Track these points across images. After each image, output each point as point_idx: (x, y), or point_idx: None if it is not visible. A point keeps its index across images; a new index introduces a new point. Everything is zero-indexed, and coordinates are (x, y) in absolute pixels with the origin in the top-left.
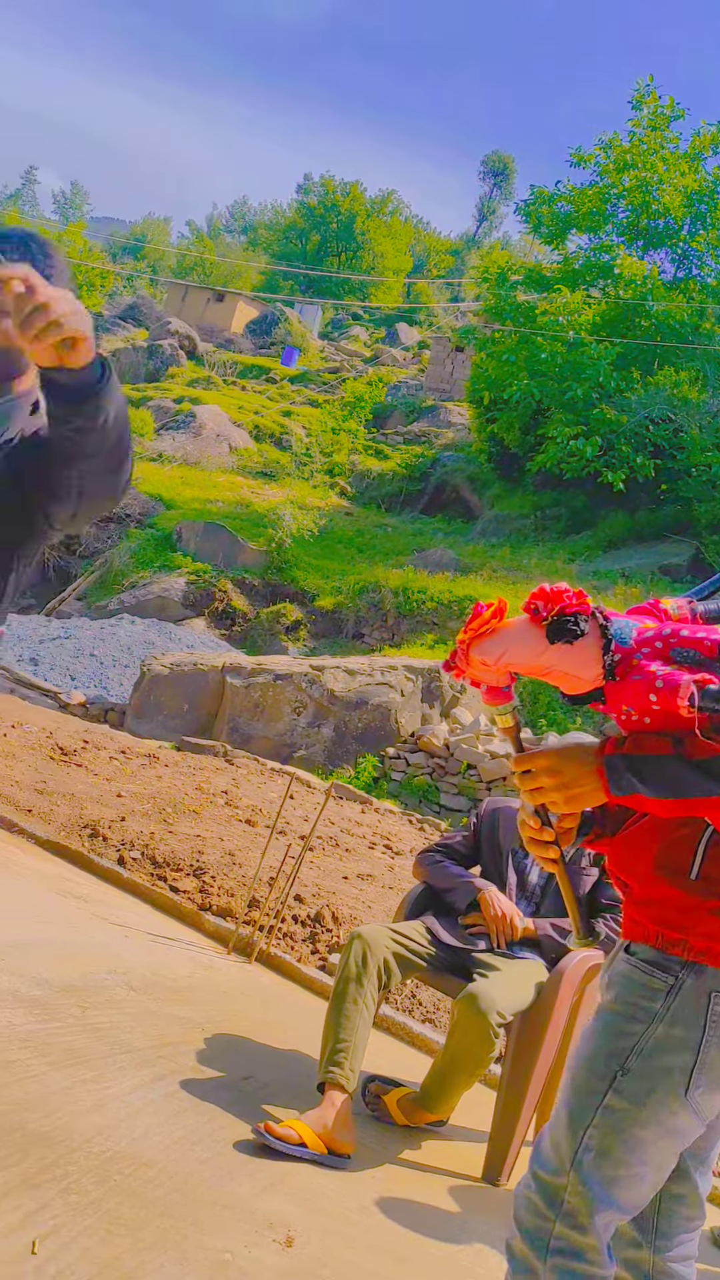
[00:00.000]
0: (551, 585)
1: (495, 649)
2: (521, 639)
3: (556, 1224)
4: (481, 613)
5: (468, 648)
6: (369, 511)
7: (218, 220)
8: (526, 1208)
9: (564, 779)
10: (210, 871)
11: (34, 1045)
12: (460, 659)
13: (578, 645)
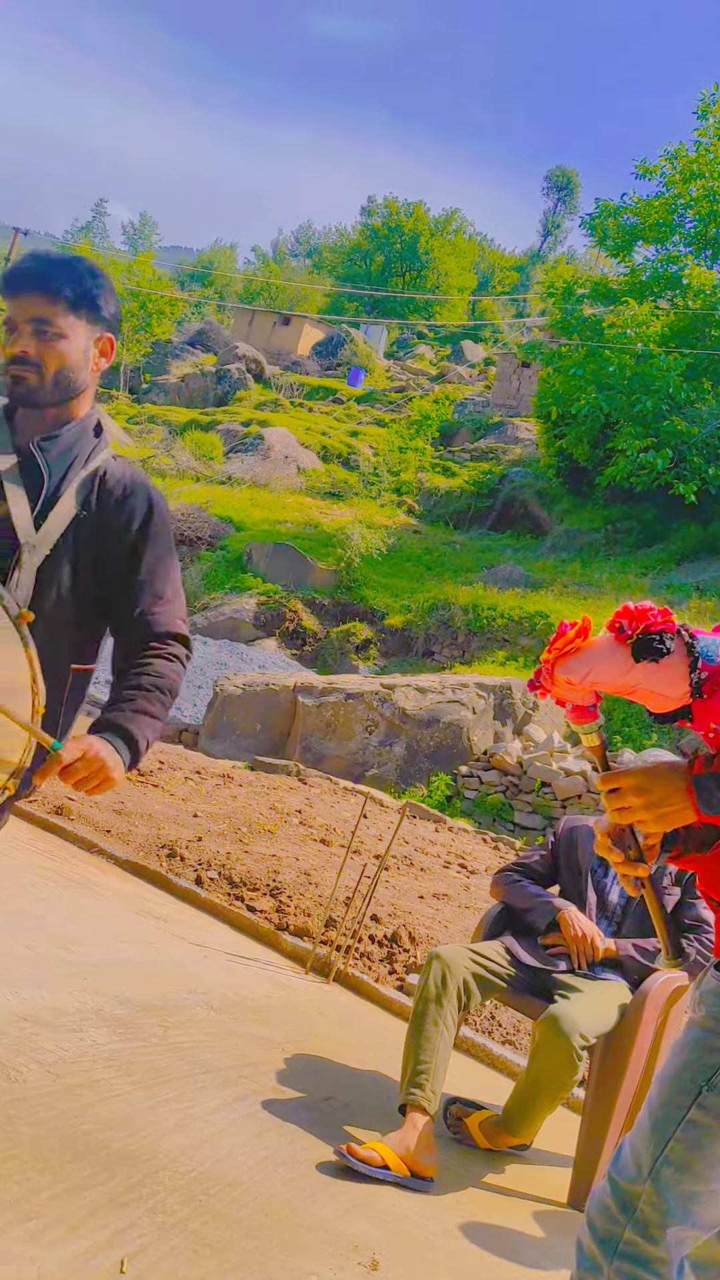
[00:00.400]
0: (636, 604)
1: (580, 668)
2: (606, 658)
3: (627, 1229)
4: (566, 631)
5: (553, 667)
6: (437, 529)
7: (283, 245)
8: (600, 1209)
9: (652, 798)
10: (286, 891)
11: (118, 1064)
12: (545, 678)
13: (663, 663)
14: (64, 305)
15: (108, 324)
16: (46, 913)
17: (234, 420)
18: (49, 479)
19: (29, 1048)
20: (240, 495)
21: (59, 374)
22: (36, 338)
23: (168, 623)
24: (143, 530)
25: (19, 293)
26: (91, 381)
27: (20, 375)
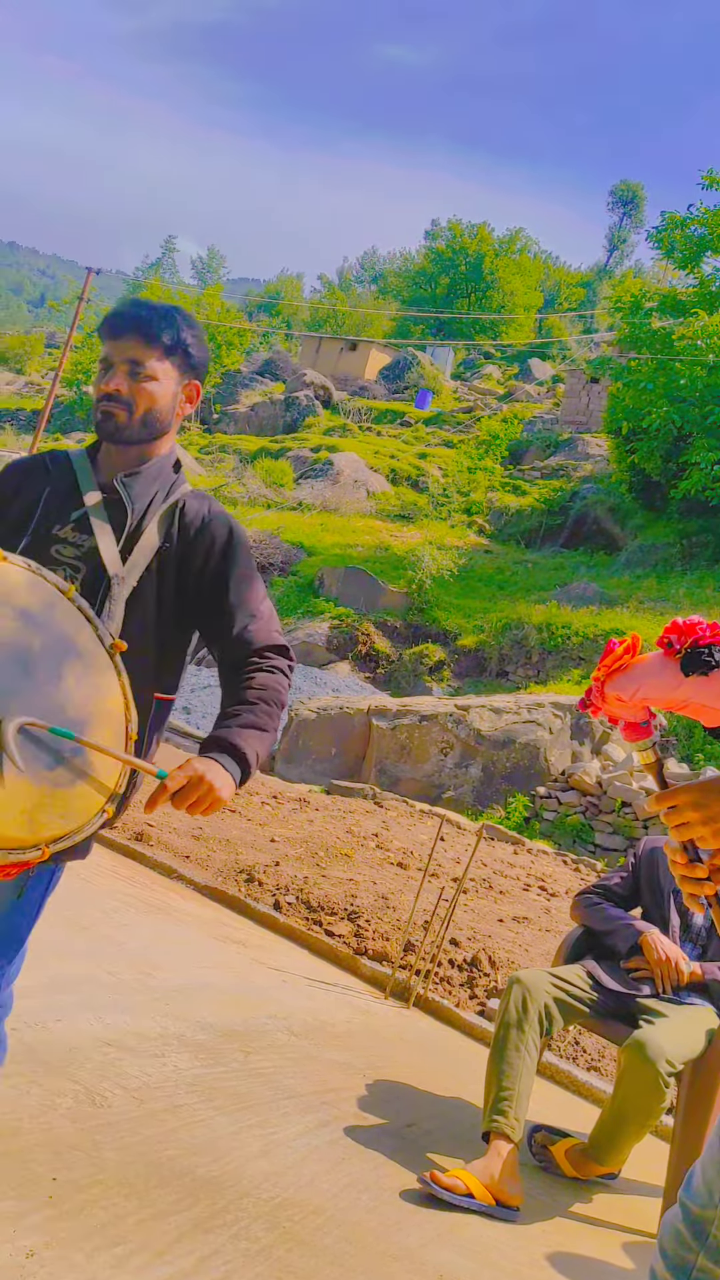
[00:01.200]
0: (685, 619)
1: (630, 685)
2: (656, 673)
3: (700, 1256)
4: (615, 649)
5: (603, 685)
6: (508, 548)
7: (348, 272)
8: (672, 1236)
9: (710, 813)
10: (364, 915)
11: (201, 1090)
12: (596, 696)
13: (713, 677)
14: (159, 350)
15: (196, 371)
16: (128, 938)
17: (303, 446)
18: (132, 513)
19: (113, 1073)
20: (311, 520)
21: (147, 414)
22: (130, 378)
23: (265, 637)
24: (226, 556)
25: (119, 335)
26: (175, 423)
27: (110, 412)
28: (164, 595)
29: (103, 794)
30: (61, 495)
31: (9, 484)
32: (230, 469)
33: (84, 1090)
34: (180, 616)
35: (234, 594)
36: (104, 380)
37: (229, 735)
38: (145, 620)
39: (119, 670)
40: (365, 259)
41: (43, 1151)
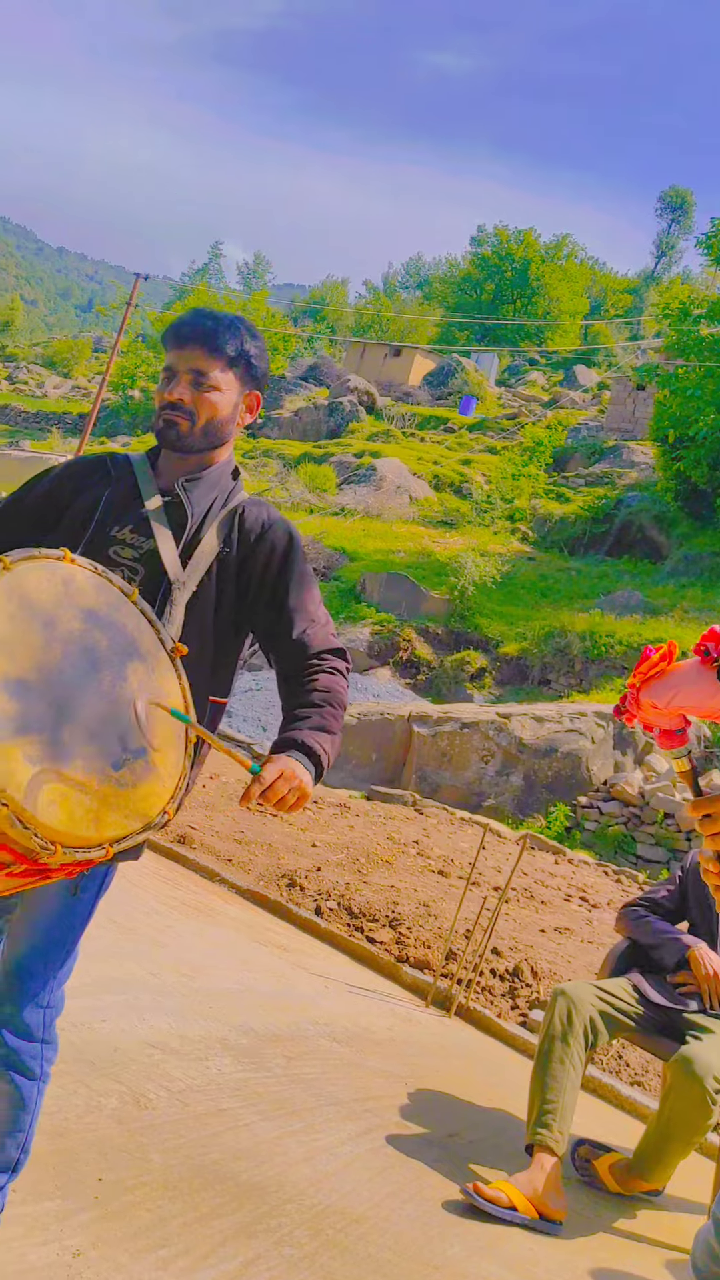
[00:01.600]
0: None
1: (665, 692)
2: (692, 681)
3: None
4: (651, 656)
5: (638, 692)
6: (552, 555)
7: (393, 278)
8: (704, 1250)
9: None
10: (406, 923)
11: (244, 1094)
12: (631, 703)
13: None
14: (223, 361)
15: (257, 382)
16: (171, 940)
17: (347, 452)
18: (192, 517)
19: (158, 1075)
20: (353, 526)
21: (209, 424)
22: (193, 388)
23: (323, 641)
24: (285, 561)
25: (184, 345)
26: (234, 432)
27: (173, 420)
28: (222, 600)
29: (164, 795)
30: (122, 497)
31: (70, 482)
32: (274, 474)
33: (129, 1091)
34: (237, 621)
35: (292, 599)
36: (167, 389)
37: (302, 736)
38: (203, 624)
39: (179, 673)
40: (410, 265)
41: (89, 1152)
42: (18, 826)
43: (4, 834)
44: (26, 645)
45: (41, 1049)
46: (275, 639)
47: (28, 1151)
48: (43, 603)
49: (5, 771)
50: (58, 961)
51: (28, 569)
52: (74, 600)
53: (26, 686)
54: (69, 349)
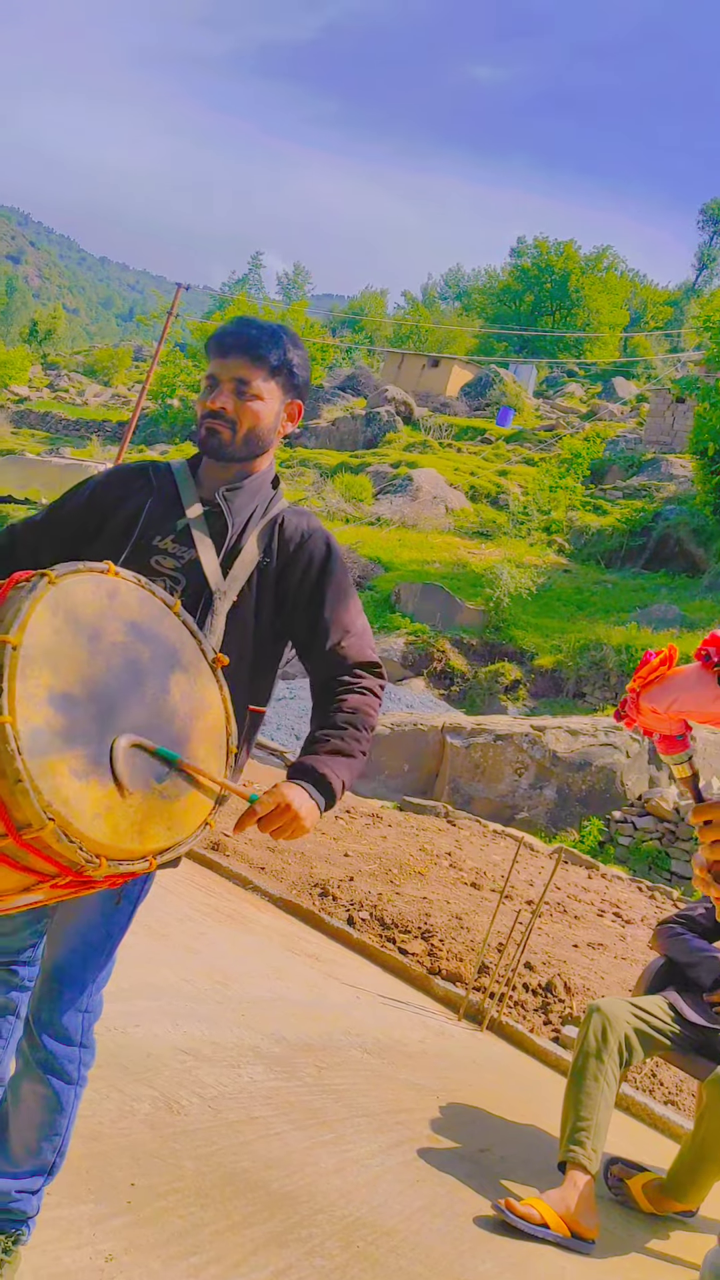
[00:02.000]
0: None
1: (665, 697)
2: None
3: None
4: (651, 660)
5: (638, 696)
6: (588, 568)
7: (432, 289)
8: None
9: None
10: (438, 935)
11: (275, 1102)
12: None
13: None
14: (265, 370)
15: (299, 391)
16: (204, 947)
17: (383, 462)
18: (233, 526)
19: (190, 1081)
20: (389, 536)
21: (250, 432)
22: (236, 396)
23: (358, 654)
24: (323, 571)
25: (227, 354)
26: (275, 441)
27: (215, 428)
28: (262, 610)
29: (205, 806)
30: (163, 506)
31: (113, 491)
32: (310, 483)
33: (161, 1097)
34: (276, 630)
35: (330, 610)
36: (210, 397)
37: (316, 764)
38: (243, 634)
39: (220, 684)
40: (449, 276)
41: (122, 1156)
42: (63, 840)
43: (49, 847)
44: (72, 659)
45: (80, 1053)
46: (311, 649)
47: (63, 1155)
48: (88, 616)
49: (51, 786)
50: (97, 966)
51: (73, 583)
52: (118, 613)
53: (72, 700)
54: (110, 358)
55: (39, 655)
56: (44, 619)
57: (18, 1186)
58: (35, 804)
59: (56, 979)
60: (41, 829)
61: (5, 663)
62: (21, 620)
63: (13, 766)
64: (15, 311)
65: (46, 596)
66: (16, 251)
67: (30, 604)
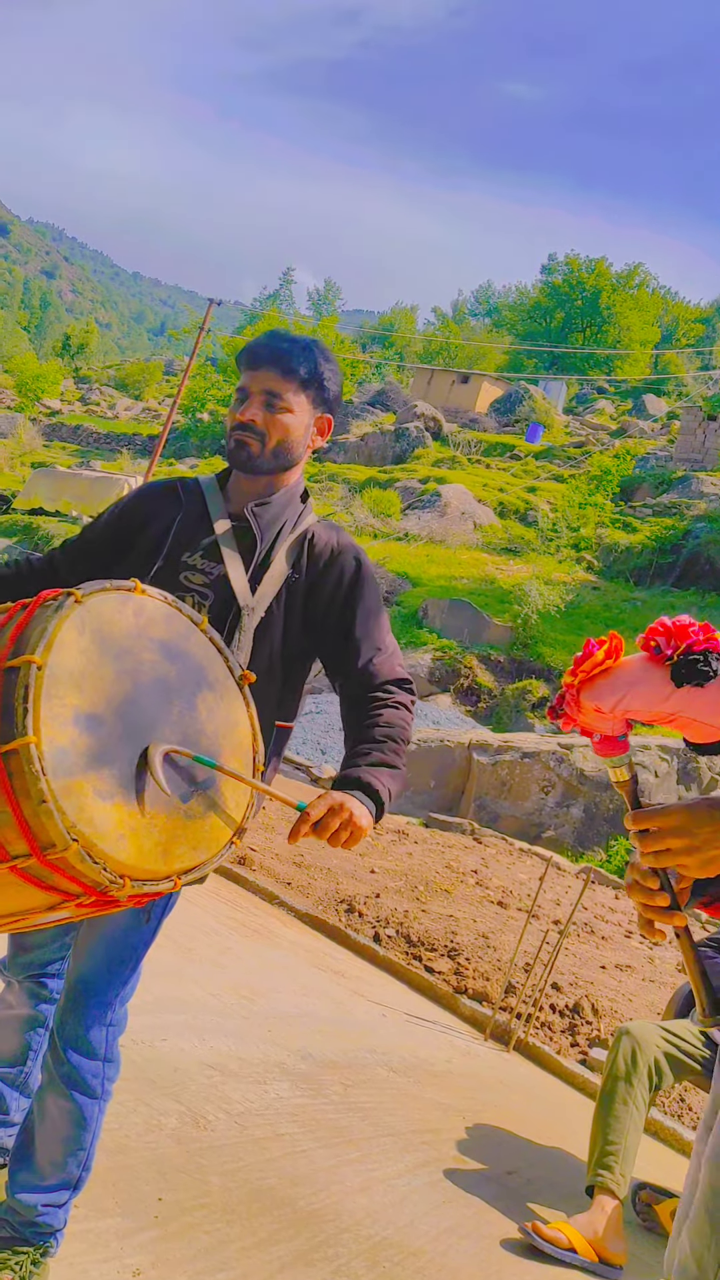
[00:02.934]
0: (673, 619)
1: (612, 694)
2: (641, 681)
3: None
4: (594, 652)
5: (578, 692)
6: (617, 585)
7: (463, 305)
8: None
9: (695, 840)
10: (464, 953)
11: (301, 1120)
12: (570, 705)
13: (709, 688)
14: (296, 383)
15: (329, 405)
16: (231, 962)
17: (412, 477)
18: (261, 541)
19: (216, 1096)
20: (417, 551)
21: (279, 445)
22: (265, 409)
23: (389, 671)
24: (354, 587)
25: (258, 366)
26: (304, 455)
27: (244, 441)
28: (291, 625)
29: (230, 826)
30: (192, 522)
31: (143, 508)
32: (338, 498)
33: (188, 1111)
34: (305, 646)
35: (360, 626)
36: (239, 409)
37: (361, 773)
38: (271, 649)
39: (248, 702)
40: (480, 292)
41: (149, 1170)
42: (87, 861)
43: (73, 868)
44: (99, 679)
45: (104, 1067)
46: (341, 666)
47: (89, 1169)
48: (115, 635)
49: (75, 807)
50: (121, 980)
51: (100, 601)
52: (146, 631)
53: (98, 720)
54: (141, 372)
55: (65, 675)
56: (70, 638)
57: (44, 1200)
58: (59, 825)
59: (81, 992)
60: (65, 850)
61: (31, 683)
62: (48, 640)
63: (37, 787)
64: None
65: (73, 615)
66: (51, 266)
67: (57, 623)
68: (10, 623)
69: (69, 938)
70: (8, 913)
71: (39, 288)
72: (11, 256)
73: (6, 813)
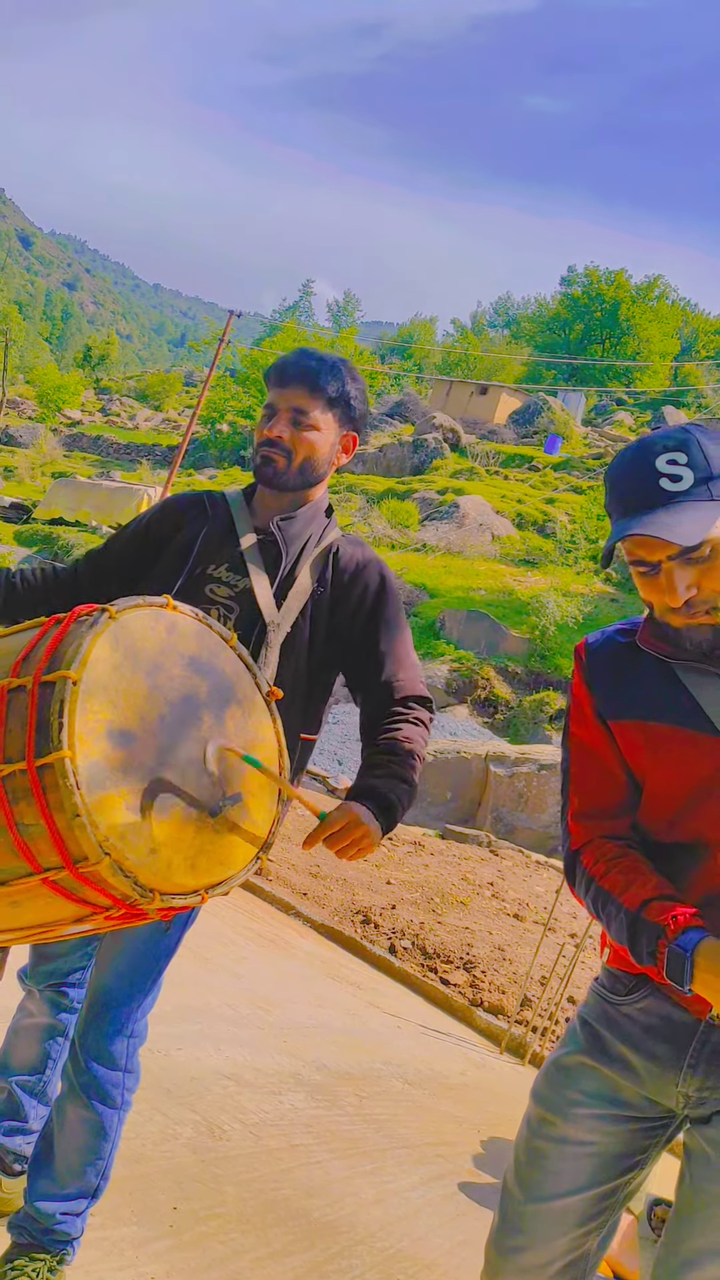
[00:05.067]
0: None
1: None
2: None
3: None
4: None
5: None
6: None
7: (481, 317)
8: None
9: None
10: (480, 966)
11: (316, 1131)
12: None
13: None
14: (323, 401)
15: (355, 424)
16: (247, 972)
17: (430, 489)
18: (286, 555)
19: (232, 1106)
20: (434, 562)
21: (305, 462)
22: (292, 426)
23: (410, 687)
24: (378, 603)
25: (286, 384)
26: (330, 472)
27: (271, 457)
28: (315, 639)
29: (256, 841)
30: (218, 535)
31: (170, 521)
32: (356, 509)
33: (204, 1121)
34: (329, 660)
35: (384, 641)
36: (267, 425)
37: (378, 785)
38: (296, 664)
39: (274, 717)
40: (499, 304)
41: (165, 1179)
42: (118, 875)
43: (105, 881)
44: (131, 694)
45: (124, 1078)
46: (363, 680)
47: (107, 1178)
48: (148, 651)
49: (108, 823)
50: (142, 991)
51: (133, 618)
52: (177, 647)
53: (129, 735)
54: (161, 383)
55: (98, 690)
56: (104, 654)
57: (62, 1209)
58: (92, 839)
59: (102, 1003)
60: (98, 863)
61: (66, 698)
62: (82, 656)
63: (71, 801)
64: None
65: (107, 631)
66: (72, 278)
67: (91, 639)
68: (45, 637)
69: (90, 947)
70: (36, 924)
71: (61, 299)
72: (34, 268)
73: (40, 825)
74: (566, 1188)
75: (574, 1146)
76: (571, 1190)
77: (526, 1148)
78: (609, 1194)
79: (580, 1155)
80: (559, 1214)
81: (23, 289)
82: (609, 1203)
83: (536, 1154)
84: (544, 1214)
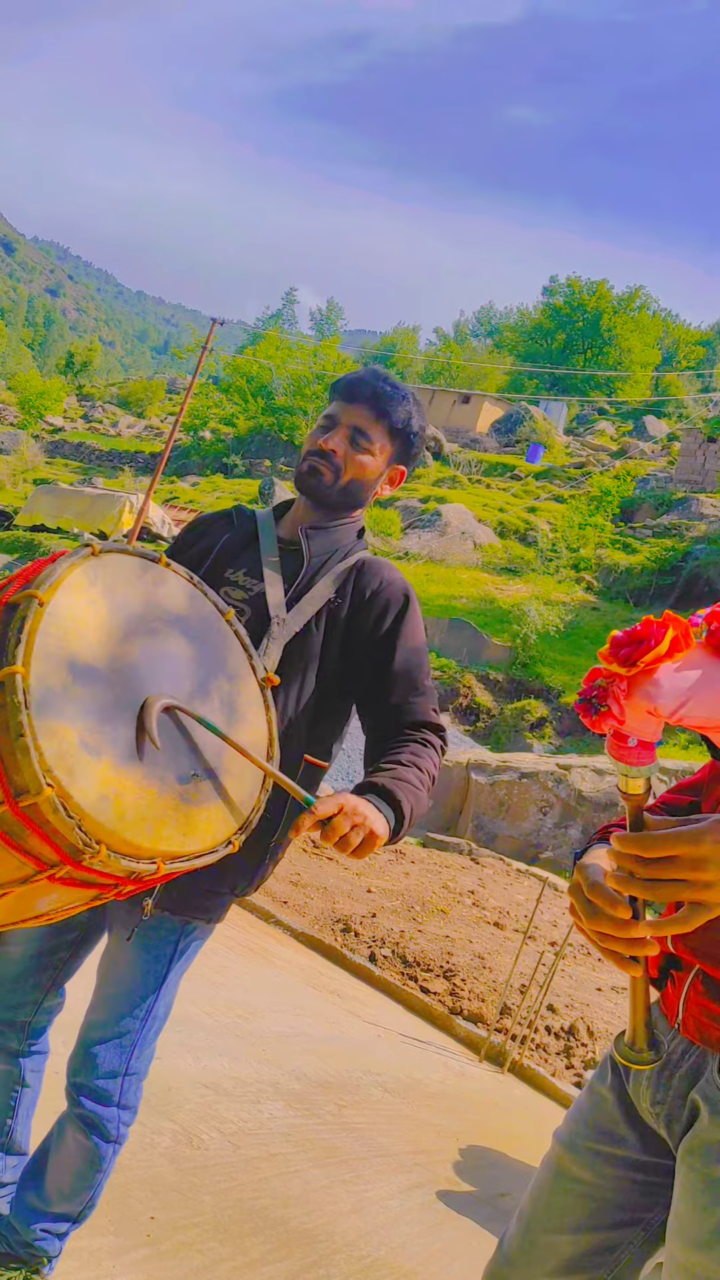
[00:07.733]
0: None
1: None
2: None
3: None
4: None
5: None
6: (617, 606)
7: (464, 326)
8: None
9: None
10: (460, 974)
11: (295, 1140)
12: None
13: None
14: (386, 428)
15: (408, 460)
16: (226, 980)
17: (412, 497)
18: (308, 564)
19: (210, 1116)
20: (416, 570)
21: (351, 482)
22: (349, 443)
23: (422, 712)
24: (398, 623)
25: (354, 400)
26: (370, 499)
27: (318, 467)
28: (328, 649)
29: (232, 823)
30: (239, 542)
31: (195, 529)
32: None
33: (182, 1130)
34: (343, 678)
35: (400, 663)
36: (323, 436)
37: (386, 782)
38: (305, 672)
39: (268, 704)
40: (482, 313)
41: (142, 1189)
42: (60, 813)
43: (46, 821)
44: (104, 633)
45: (119, 1113)
46: (374, 700)
47: (93, 1206)
48: (129, 596)
49: (56, 751)
50: (132, 1029)
51: (118, 560)
52: (162, 602)
53: (97, 674)
54: (144, 390)
55: (67, 618)
56: (79, 585)
57: (44, 1226)
58: (35, 765)
59: (93, 1041)
60: (38, 794)
61: (29, 615)
62: (54, 580)
63: (16, 719)
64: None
65: (85, 564)
66: (55, 285)
67: (68, 568)
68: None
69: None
70: None
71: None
72: (16, 274)
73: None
74: (556, 1224)
75: (570, 1183)
76: (560, 1229)
77: (536, 1175)
78: (602, 1249)
79: (574, 1193)
80: (544, 1251)
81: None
82: (602, 1260)
83: (537, 1183)
84: (530, 1248)
